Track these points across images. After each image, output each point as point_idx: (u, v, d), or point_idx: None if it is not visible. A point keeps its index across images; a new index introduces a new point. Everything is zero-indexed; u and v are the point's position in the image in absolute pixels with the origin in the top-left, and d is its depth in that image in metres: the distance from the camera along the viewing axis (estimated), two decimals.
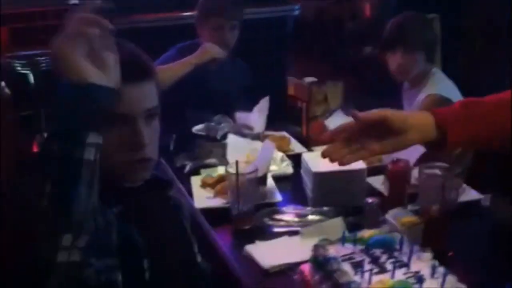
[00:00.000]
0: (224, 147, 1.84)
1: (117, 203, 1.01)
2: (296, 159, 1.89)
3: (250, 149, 1.77)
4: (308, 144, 2.08)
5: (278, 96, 2.19)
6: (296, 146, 2.08)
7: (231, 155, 1.78)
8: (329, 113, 2.09)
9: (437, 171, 1.57)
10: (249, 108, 2.20)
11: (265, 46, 4.07)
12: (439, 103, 2.08)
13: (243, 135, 1.97)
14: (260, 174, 1.62)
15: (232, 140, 1.86)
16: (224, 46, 2.49)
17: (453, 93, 2.12)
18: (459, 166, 1.99)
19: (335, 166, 1.68)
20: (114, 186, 1.02)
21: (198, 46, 2.50)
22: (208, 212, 1.61)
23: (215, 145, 1.87)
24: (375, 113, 1.03)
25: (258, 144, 1.83)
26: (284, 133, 2.15)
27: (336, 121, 2.00)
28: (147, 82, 1.06)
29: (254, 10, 4.25)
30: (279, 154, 1.94)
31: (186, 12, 3.58)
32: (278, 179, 1.80)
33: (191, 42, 2.56)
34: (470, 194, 1.70)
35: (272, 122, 2.18)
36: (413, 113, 1.19)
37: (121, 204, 1.01)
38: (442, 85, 2.12)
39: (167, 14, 3.79)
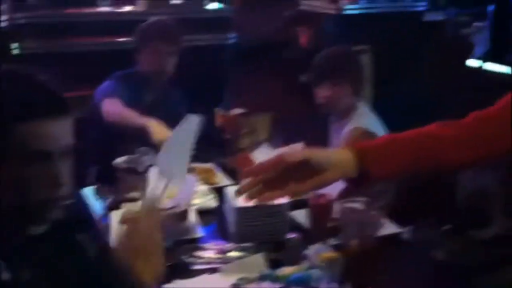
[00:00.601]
0: (146, 180, 1.79)
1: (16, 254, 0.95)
2: (222, 192, 1.86)
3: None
4: (235, 176, 2.06)
5: (205, 127, 2.16)
6: (222, 179, 2.06)
7: (153, 189, 1.72)
8: (257, 145, 2.08)
9: (358, 205, 1.57)
10: None
11: (201, 74, 4.06)
12: (364, 136, 2.11)
13: None
14: (181, 209, 1.59)
15: (155, 173, 1.81)
16: (162, 74, 2.46)
17: (378, 127, 2.15)
18: (380, 200, 2.01)
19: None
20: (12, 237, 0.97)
21: (136, 75, 2.46)
22: None
23: (137, 179, 1.82)
24: (298, 154, 1.03)
25: None
26: (211, 165, 2.13)
27: (263, 154, 1.99)
28: (63, 118, 1.02)
29: (190, 37, 4.26)
30: (203, 187, 1.91)
31: (124, 37, 3.56)
32: (202, 213, 1.76)
33: (129, 71, 2.52)
34: (391, 228, 1.71)
35: (199, 154, 2.15)
36: (334, 151, 1.19)
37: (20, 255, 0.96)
38: (367, 119, 2.16)
39: (104, 39, 3.74)
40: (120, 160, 1.88)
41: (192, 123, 1.35)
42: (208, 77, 4.00)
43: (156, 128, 2.09)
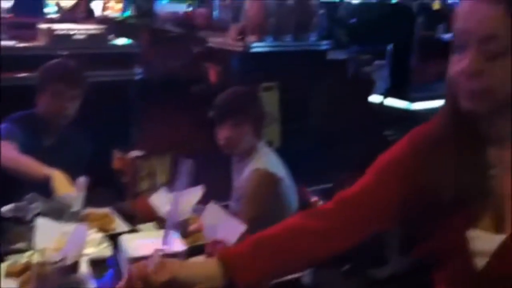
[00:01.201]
0: (32, 230, 1.68)
1: None
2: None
3: (62, 233, 1.62)
4: (133, 222, 1.98)
5: (105, 168, 2.08)
6: (119, 225, 1.97)
7: (40, 240, 1.62)
8: (156, 189, 2.02)
9: None
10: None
11: (106, 112, 3.94)
12: (264, 177, 2.10)
13: (59, 216, 1.82)
14: (70, 261, 1.49)
15: (42, 222, 1.71)
16: (62, 117, 2.34)
17: (278, 168, 2.16)
18: None
19: (152, 249, 1.61)
20: None
21: (35, 117, 2.33)
22: None
23: (23, 229, 1.70)
24: (165, 272, 1.02)
25: (71, 227, 1.69)
26: (108, 210, 2.03)
27: (161, 198, 1.93)
28: None
29: (94, 73, 4.14)
30: (98, 235, 1.82)
31: (25, 73, 3.39)
32: (96, 263, 1.67)
33: (27, 112, 2.38)
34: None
35: (96, 198, 2.06)
36: (201, 264, 1.21)
37: None
38: (268, 160, 2.16)
39: (5, 74, 3.56)
40: (5, 209, 1.76)
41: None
42: (113, 115, 3.89)
43: (60, 182, 1.95)
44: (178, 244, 1.60)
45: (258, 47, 4.75)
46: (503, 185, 0.96)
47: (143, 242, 1.61)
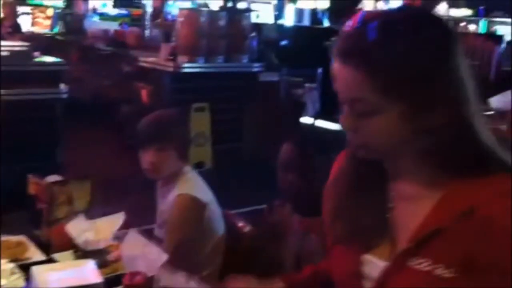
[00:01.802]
0: None
1: None
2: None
3: None
4: (49, 251, 1.87)
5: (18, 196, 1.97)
6: (34, 254, 1.86)
7: None
8: (74, 215, 1.93)
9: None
10: None
11: (28, 131, 3.79)
12: (188, 202, 2.05)
13: None
14: None
15: None
16: None
17: (204, 193, 2.11)
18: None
19: (67, 281, 1.53)
20: None
21: None
22: None
23: None
24: None
25: None
26: (22, 238, 1.92)
27: (79, 225, 1.85)
28: None
29: (16, 91, 3.98)
30: (10, 265, 1.71)
31: None
32: None
33: None
34: None
35: (10, 225, 1.95)
36: None
37: None
38: (193, 185, 2.11)
39: None
40: None
41: None
42: (35, 136, 3.75)
43: None
44: (94, 276, 1.52)
45: (189, 67, 4.73)
46: (399, 216, 1.00)
47: (56, 275, 1.52)
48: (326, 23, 9.68)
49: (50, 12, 7.18)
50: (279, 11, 9.36)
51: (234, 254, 2.15)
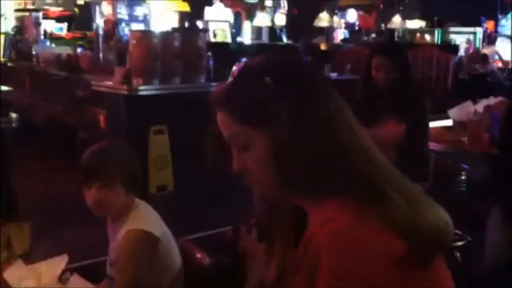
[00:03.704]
0: None
1: None
2: None
3: None
4: None
5: None
6: None
7: None
8: (14, 259, 1.78)
9: None
10: None
11: None
12: (140, 238, 1.92)
13: None
14: None
15: None
16: None
17: (156, 226, 1.98)
18: None
19: None
20: None
21: None
22: None
23: None
24: None
25: None
26: None
27: (17, 272, 1.71)
28: None
29: None
30: None
31: None
32: None
33: None
34: None
35: None
36: None
37: None
38: (144, 219, 1.97)
39: None
40: None
41: None
42: None
43: None
44: None
45: (145, 90, 4.60)
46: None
47: None
48: (285, 40, 9.70)
49: None
50: (237, 29, 9.31)
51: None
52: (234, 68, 1.15)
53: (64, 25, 8.64)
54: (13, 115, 4.12)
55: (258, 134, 1.08)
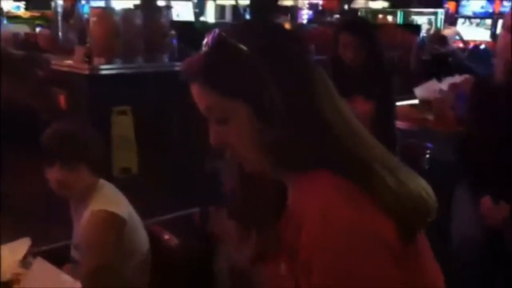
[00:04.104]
0: None
1: None
2: None
3: None
4: None
5: None
6: None
7: None
8: None
9: None
10: None
11: None
12: (104, 219, 1.87)
13: None
14: None
15: None
16: None
17: (121, 207, 1.92)
18: None
19: None
20: None
21: None
22: None
23: None
24: None
25: None
26: None
27: None
28: None
29: None
30: None
31: None
32: None
33: None
34: None
35: None
36: None
37: None
38: (108, 200, 1.92)
39: None
40: None
41: None
42: None
43: None
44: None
45: (106, 69, 4.47)
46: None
47: None
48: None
49: None
50: (200, 8, 9.18)
51: (163, 271, 1.98)
52: (207, 38, 1.09)
53: (22, 4, 8.37)
54: None
55: (238, 105, 1.04)
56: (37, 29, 6.42)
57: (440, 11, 10.17)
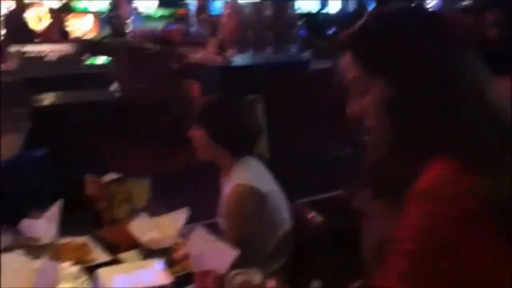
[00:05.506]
0: None
1: None
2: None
3: (30, 271, 1.44)
4: (114, 251, 1.80)
5: (75, 196, 1.89)
6: (99, 255, 1.78)
7: (6, 281, 1.43)
8: (134, 214, 1.84)
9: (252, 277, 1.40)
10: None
11: (77, 135, 3.74)
12: (246, 193, 1.92)
13: (28, 251, 1.64)
14: None
15: (8, 260, 1.52)
16: None
17: (264, 182, 1.97)
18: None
19: (134, 283, 1.44)
20: None
21: None
22: None
23: None
24: None
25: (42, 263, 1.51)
26: (85, 240, 1.85)
27: (142, 224, 1.77)
28: None
29: (68, 94, 3.98)
30: (74, 268, 1.63)
31: None
32: None
33: None
34: None
35: (71, 227, 1.87)
36: None
37: None
38: (251, 174, 1.97)
39: None
40: None
41: None
42: (86, 138, 3.70)
43: None
44: (163, 276, 1.43)
45: (239, 60, 4.63)
46: None
47: (122, 277, 1.44)
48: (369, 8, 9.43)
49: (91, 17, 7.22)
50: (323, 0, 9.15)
51: (308, 249, 2.02)
52: (367, 13, 1.15)
53: (153, 3, 8.81)
54: (114, 86, 4.28)
55: (380, 81, 1.06)
56: (168, 26, 6.76)
57: None
